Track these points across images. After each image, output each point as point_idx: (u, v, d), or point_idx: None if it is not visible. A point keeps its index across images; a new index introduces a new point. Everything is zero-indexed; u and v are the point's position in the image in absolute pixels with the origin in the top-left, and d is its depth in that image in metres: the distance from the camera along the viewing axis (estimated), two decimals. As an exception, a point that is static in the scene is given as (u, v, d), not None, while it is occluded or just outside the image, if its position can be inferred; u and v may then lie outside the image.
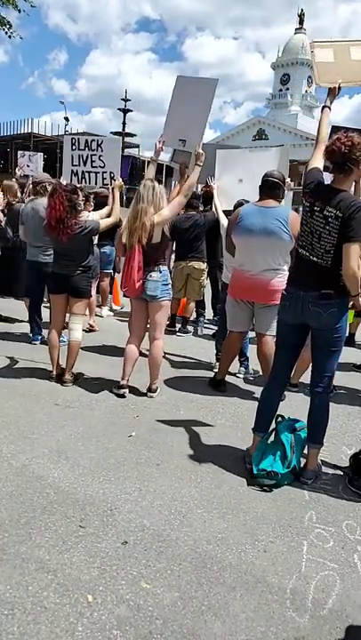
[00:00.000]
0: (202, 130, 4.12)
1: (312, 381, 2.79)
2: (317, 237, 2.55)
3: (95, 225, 3.97)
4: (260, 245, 3.64)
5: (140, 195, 3.66)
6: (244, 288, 3.82)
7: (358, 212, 2.42)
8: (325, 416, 2.78)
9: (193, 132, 4.08)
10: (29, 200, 5.01)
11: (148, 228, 3.61)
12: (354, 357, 5.46)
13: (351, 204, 2.45)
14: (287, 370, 2.92)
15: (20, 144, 27.38)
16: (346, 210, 2.44)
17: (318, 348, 2.72)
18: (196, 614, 1.79)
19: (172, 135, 4.16)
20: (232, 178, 4.73)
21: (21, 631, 1.66)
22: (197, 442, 3.17)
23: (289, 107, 53.22)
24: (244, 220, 3.73)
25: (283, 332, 2.86)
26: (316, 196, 2.58)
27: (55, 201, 3.72)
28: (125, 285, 3.69)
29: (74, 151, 4.63)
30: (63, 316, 4.17)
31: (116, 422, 3.37)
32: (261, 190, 3.76)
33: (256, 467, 2.73)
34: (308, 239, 2.61)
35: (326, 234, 2.51)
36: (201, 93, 4.06)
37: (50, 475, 2.63)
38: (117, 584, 1.90)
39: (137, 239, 3.61)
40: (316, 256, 2.57)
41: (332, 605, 1.89)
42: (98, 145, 4.62)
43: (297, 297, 2.65)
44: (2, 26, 12.98)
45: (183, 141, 4.15)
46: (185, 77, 4.24)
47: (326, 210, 2.50)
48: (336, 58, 3.09)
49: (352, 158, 2.48)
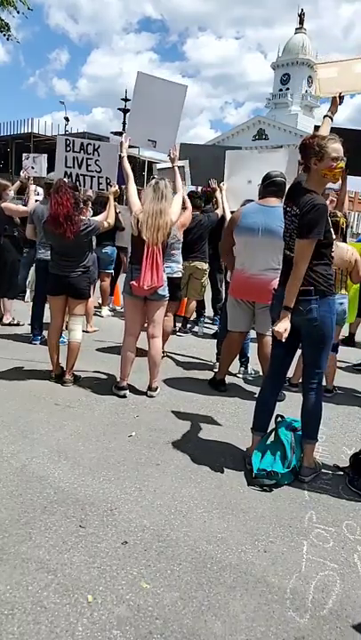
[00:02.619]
0: (174, 133, 4.17)
1: (304, 377, 2.86)
2: (289, 235, 2.67)
3: (97, 224, 3.98)
4: (261, 245, 3.64)
5: (163, 193, 3.65)
6: (244, 288, 3.82)
7: (312, 209, 2.48)
8: (318, 411, 2.82)
9: (164, 135, 4.15)
10: (41, 200, 5.11)
11: (169, 226, 3.65)
12: (354, 357, 5.47)
13: (307, 203, 2.51)
14: (284, 369, 2.93)
15: (21, 144, 27.36)
16: (302, 207, 2.53)
17: (306, 344, 2.79)
18: (196, 614, 1.79)
19: (139, 134, 4.19)
20: (241, 178, 4.77)
21: (21, 631, 1.66)
22: (197, 442, 3.17)
23: (289, 106, 53.27)
24: (245, 218, 3.74)
25: None
26: (289, 197, 2.69)
27: (62, 197, 3.70)
28: (150, 283, 3.59)
29: (68, 152, 4.60)
30: (62, 318, 4.17)
31: (116, 422, 3.37)
32: (264, 189, 3.77)
33: (256, 467, 2.73)
34: (286, 239, 2.72)
35: (293, 231, 2.63)
36: (170, 98, 4.12)
37: (50, 475, 2.63)
38: (117, 584, 1.90)
39: (161, 236, 3.63)
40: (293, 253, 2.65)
41: (332, 605, 1.89)
42: (94, 149, 4.59)
43: (282, 295, 2.70)
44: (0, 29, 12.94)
45: (153, 142, 4.18)
46: (148, 75, 4.23)
47: (293, 209, 2.61)
48: (339, 73, 3.22)
49: (307, 157, 2.60)
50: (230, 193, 4.88)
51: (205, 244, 5.85)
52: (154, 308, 3.85)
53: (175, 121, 4.15)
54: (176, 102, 4.13)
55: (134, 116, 4.19)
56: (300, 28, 56.25)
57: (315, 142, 2.56)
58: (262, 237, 3.62)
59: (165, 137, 4.15)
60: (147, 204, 3.66)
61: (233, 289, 3.94)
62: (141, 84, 4.11)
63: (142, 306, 3.86)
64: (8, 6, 12.37)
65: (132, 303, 3.87)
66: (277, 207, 3.67)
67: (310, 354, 2.78)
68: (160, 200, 3.64)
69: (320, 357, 2.77)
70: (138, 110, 4.15)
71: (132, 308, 3.90)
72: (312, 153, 2.55)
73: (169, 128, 4.12)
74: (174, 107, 4.13)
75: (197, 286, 5.92)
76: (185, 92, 4.18)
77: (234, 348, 4.15)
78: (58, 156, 4.64)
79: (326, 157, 2.53)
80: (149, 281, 3.59)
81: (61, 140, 4.62)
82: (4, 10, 12.45)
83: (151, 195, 3.66)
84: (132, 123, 4.23)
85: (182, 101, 4.18)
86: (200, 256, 5.82)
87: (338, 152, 2.54)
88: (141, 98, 4.12)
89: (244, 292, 3.85)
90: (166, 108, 4.10)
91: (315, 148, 2.54)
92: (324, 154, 2.53)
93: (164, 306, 3.91)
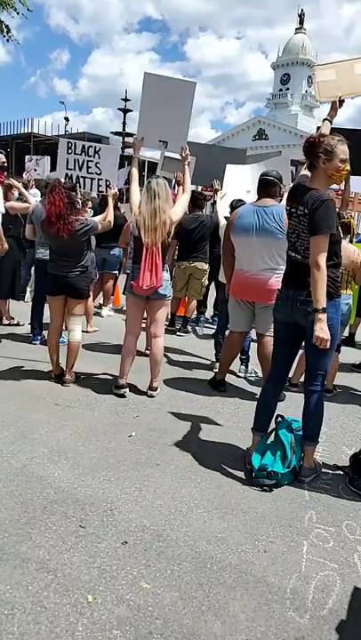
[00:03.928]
0: (185, 133, 4.12)
1: (306, 379, 2.83)
2: (296, 236, 2.65)
3: (95, 224, 3.98)
4: (257, 245, 3.65)
5: (156, 192, 3.63)
6: (244, 288, 3.83)
7: (321, 205, 2.49)
8: (320, 413, 2.80)
9: (175, 135, 4.09)
10: (41, 200, 5.09)
11: (168, 226, 3.63)
12: (354, 357, 5.47)
13: (315, 199, 2.52)
14: (284, 368, 2.93)
15: (21, 144, 27.36)
16: (311, 205, 2.52)
17: (309, 346, 2.75)
18: (196, 614, 1.79)
19: (149, 135, 4.13)
20: (240, 189, 4.79)
21: (21, 631, 1.66)
22: (197, 442, 3.17)
23: (289, 106, 53.25)
24: (240, 219, 3.76)
25: (277, 330, 2.93)
26: (293, 198, 2.67)
27: (55, 197, 3.72)
28: (149, 284, 3.59)
29: (69, 155, 4.60)
30: (62, 318, 4.17)
31: (116, 422, 3.37)
32: (258, 190, 3.79)
33: (256, 467, 2.73)
34: (292, 240, 2.70)
35: (301, 232, 2.61)
36: (179, 95, 4.04)
37: (50, 475, 2.63)
38: (117, 584, 1.90)
39: (159, 237, 3.61)
40: (300, 255, 2.66)
41: (332, 605, 1.89)
42: (95, 152, 4.60)
43: (287, 296, 2.72)
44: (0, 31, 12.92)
45: (164, 143, 4.13)
46: (155, 75, 4.16)
47: (298, 209, 2.60)
48: (338, 75, 3.16)
49: (315, 155, 2.59)
50: (229, 202, 4.91)
51: (207, 244, 5.86)
52: (155, 308, 3.86)
53: (185, 119, 4.09)
54: (186, 100, 4.06)
55: (144, 118, 4.11)
56: (300, 28, 56.23)
57: (325, 142, 2.57)
58: (257, 237, 3.64)
59: (177, 136, 4.10)
60: (142, 206, 3.67)
61: (233, 289, 3.95)
62: (149, 85, 4.06)
63: (144, 305, 3.87)
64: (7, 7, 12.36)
65: (133, 302, 3.88)
66: (272, 207, 3.69)
67: (314, 355, 2.74)
68: (153, 199, 3.62)
69: (323, 359, 2.73)
70: (147, 112, 4.07)
71: (133, 307, 3.91)
72: (322, 152, 2.56)
73: (180, 127, 4.06)
74: (184, 105, 4.06)
75: (197, 286, 5.93)
76: (194, 89, 4.10)
77: (234, 347, 4.15)
78: (59, 158, 4.64)
79: (335, 158, 2.56)
80: (148, 281, 3.60)
81: (63, 143, 4.63)
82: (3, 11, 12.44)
83: (145, 196, 3.67)
84: (142, 125, 4.14)
85: (192, 99, 4.10)
86: (201, 256, 5.84)
87: (346, 154, 2.57)
88: (150, 99, 4.05)
89: (243, 292, 3.86)
90: (176, 107, 4.02)
91: (325, 148, 2.55)
92: (334, 155, 2.55)
93: (165, 305, 3.95)
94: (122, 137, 24.68)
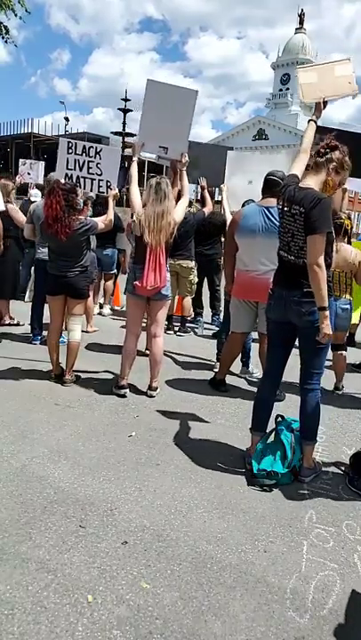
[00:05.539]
0: (185, 139, 4.16)
1: (302, 379, 2.83)
2: (290, 236, 2.65)
3: (94, 223, 3.99)
4: (263, 245, 3.64)
5: (165, 193, 3.65)
6: (248, 288, 3.83)
7: (318, 204, 2.50)
8: (317, 412, 2.81)
9: (176, 142, 4.14)
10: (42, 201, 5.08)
11: (172, 226, 3.65)
12: (354, 357, 5.47)
13: (312, 199, 2.52)
14: (279, 368, 2.93)
15: (21, 144, 27.36)
16: (307, 204, 2.52)
17: (304, 345, 2.78)
18: (196, 614, 1.79)
19: (150, 140, 4.19)
20: (242, 179, 4.79)
21: (21, 631, 1.66)
22: (197, 442, 3.17)
23: (289, 106, 53.27)
24: (245, 220, 3.75)
25: (271, 330, 2.93)
26: (285, 198, 2.67)
27: (52, 200, 3.73)
28: (153, 284, 3.61)
29: (70, 155, 4.60)
30: (62, 318, 4.17)
31: (116, 422, 3.37)
32: (263, 189, 3.78)
33: (256, 467, 2.73)
34: (285, 240, 2.70)
35: (296, 231, 2.61)
36: (181, 103, 4.10)
37: (50, 475, 2.63)
38: (117, 584, 1.90)
39: (164, 238, 3.63)
40: (293, 255, 2.66)
41: (332, 605, 1.89)
42: (96, 152, 4.59)
43: (280, 296, 2.72)
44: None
45: (164, 149, 4.17)
46: (158, 82, 4.22)
47: (293, 208, 2.60)
48: (319, 78, 3.19)
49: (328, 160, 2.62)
50: (231, 193, 4.91)
51: (191, 242, 5.79)
52: (157, 308, 3.87)
53: (186, 126, 4.15)
54: (187, 108, 4.12)
55: (145, 124, 4.17)
56: (300, 28, 56.29)
57: (346, 157, 2.64)
58: (263, 238, 3.63)
59: (177, 143, 4.15)
60: (148, 207, 3.65)
61: (237, 290, 3.94)
62: (151, 92, 4.11)
63: (145, 305, 3.88)
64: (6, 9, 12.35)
65: (134, 302, 3.89)
66: (276, 207, 3.68)
67: (309, 355, 2.76)
68: (162, 201, 3.63)
69: (318, 358, 2.75)
70: (148, 118, 4.13)
71: (134, 307, 3.91)
72: (337, 164, 2.61)
73: (180, 134, 4.12)
74: (185, 112, 4.12)
75: (187, 284, 5.91)
76: (195, 97, 4.17)
77: (235, 348, 4.15)
78: (59, 158, 4.64)
79: (342, 177, 2.65)
80: (152, 281, 3.61)
81: (63, 143, 4.62)
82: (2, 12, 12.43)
83: (153, 196, 3.65)
84: (143, 131, 4.20)
85: (193, 106, 4.16)
86: (185, 254, 5.75)
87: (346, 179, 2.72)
88: (152, 105, 4.11)
89: (248, 292, 3.85)
90: (177, 114, 4.09)
91: (342, 163, 2.63)
92: (343, 174, 2.65)
93: (166, 305, 3.96)
94: (122, 137, 24.68)
